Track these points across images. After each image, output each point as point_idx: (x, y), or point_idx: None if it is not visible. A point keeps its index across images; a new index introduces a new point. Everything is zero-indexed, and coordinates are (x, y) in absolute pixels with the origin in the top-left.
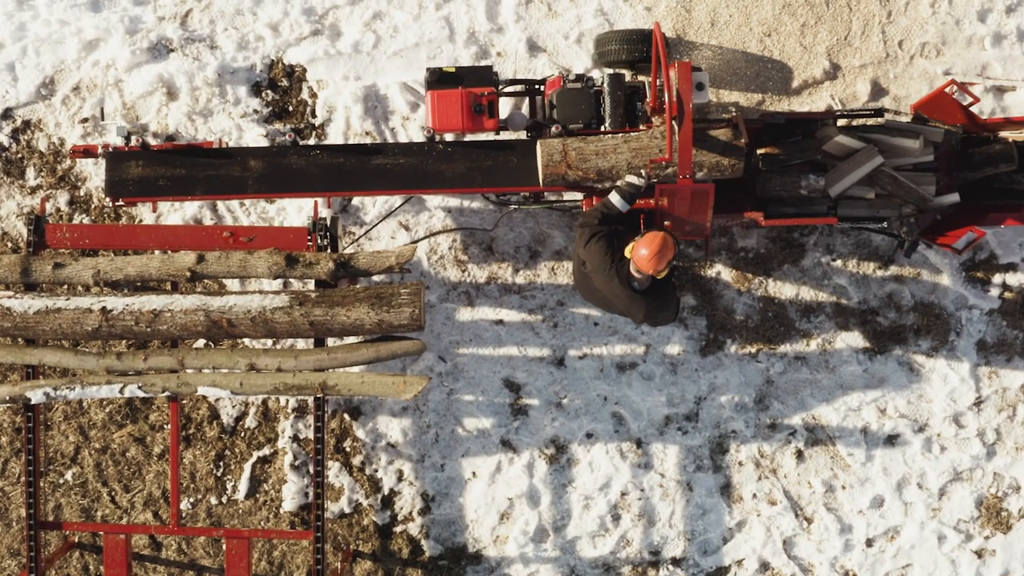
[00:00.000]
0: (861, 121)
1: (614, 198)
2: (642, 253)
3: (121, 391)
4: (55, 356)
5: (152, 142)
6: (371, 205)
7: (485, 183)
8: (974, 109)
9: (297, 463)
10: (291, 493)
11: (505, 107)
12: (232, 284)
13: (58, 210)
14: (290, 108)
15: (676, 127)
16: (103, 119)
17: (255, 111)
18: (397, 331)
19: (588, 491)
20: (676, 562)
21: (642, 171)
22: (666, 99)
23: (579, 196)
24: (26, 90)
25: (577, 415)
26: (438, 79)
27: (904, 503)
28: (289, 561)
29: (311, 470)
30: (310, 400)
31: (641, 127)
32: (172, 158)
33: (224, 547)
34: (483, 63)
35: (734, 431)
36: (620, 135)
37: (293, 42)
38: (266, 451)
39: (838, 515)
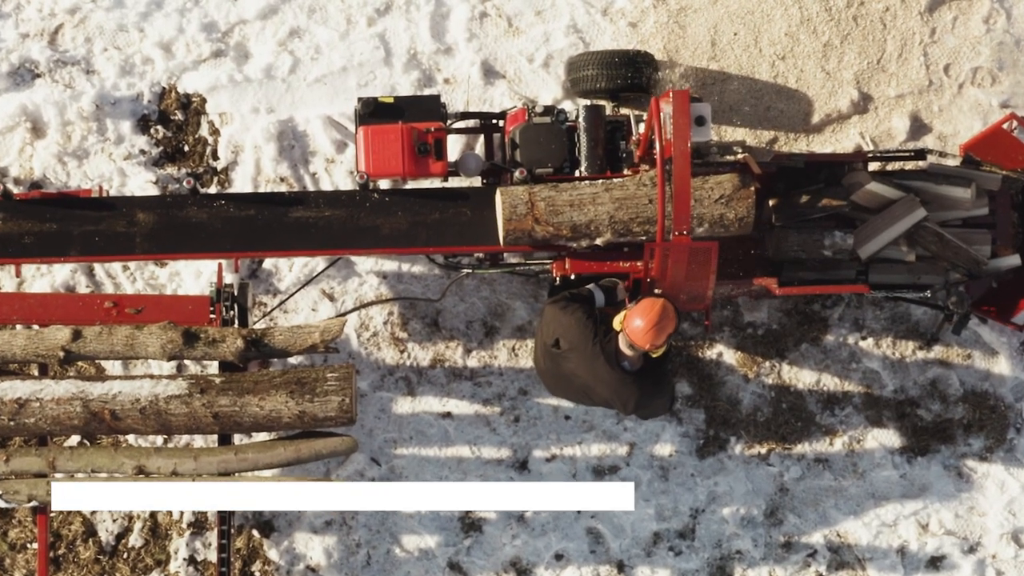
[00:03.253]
0: (898, 165)
1: (591, 286)
2: (637, 324)
3: None
4: None
5: (14, 190)
6: (287, 269)
7: (431, 241)
8: None
9: None
10: None
11: (455, 147)
12: (115, 367)
13: None
14: (186, 148)
15: (670, 172)
16: None
17: (142, 151)
18: (322, 425)
19: None
20: None
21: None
22: (658, 138)
23: (547, 258)
24: None
25: (544, 532)
26: (372, 112)
27: None
28: None
29: None
30: (211, 513)
31: (626, 171)
32: (40, 210)
33: None
34: (428, 92)
35: (739, 551)
36: (600, 182)
37: (190, 65)
38: None
39: None
